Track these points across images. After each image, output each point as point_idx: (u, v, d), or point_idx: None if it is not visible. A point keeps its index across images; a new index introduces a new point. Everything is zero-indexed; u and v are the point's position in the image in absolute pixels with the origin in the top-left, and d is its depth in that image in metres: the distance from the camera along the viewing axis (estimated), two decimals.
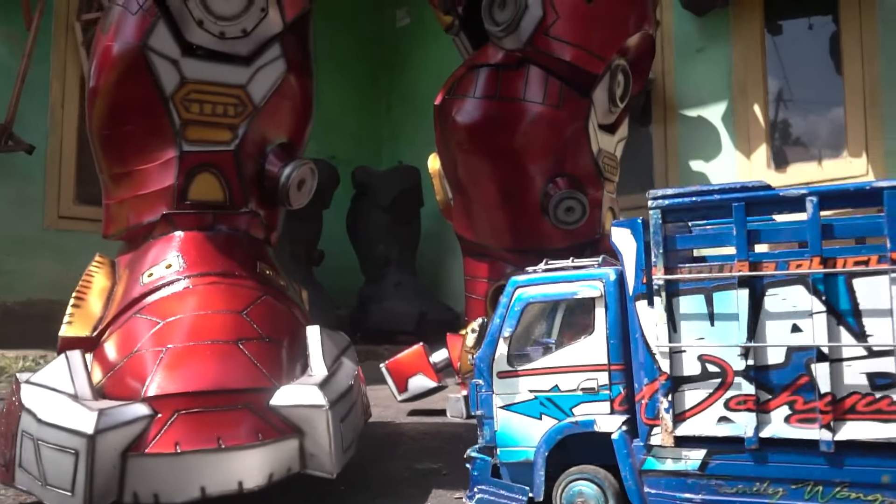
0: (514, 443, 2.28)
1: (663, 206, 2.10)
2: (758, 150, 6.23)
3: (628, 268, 2.17)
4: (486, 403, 2.32)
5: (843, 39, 5.82)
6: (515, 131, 3.93)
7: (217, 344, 2.44)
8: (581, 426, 2.18)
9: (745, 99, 6.25)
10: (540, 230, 4.01)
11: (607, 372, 2.18)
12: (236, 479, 2.24)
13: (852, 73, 5.76)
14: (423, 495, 2.65)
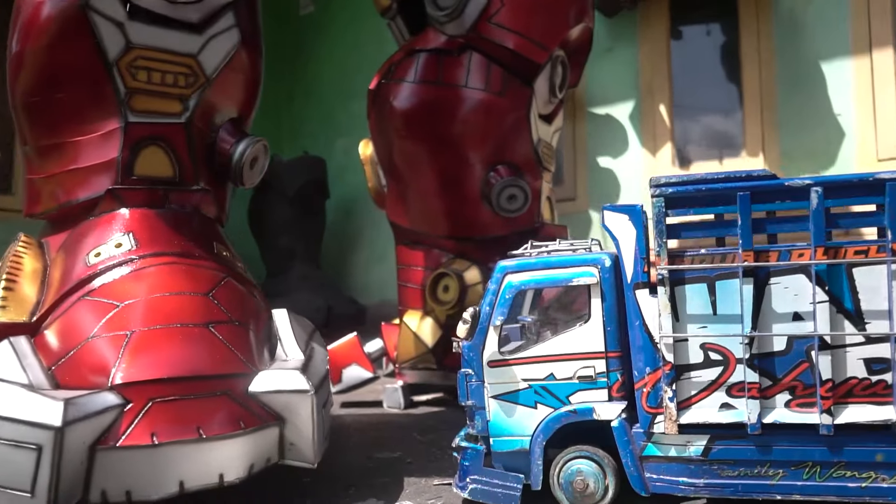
0: (508, 432, 2.23)
1: (667, 195, 2.10)
2: (663, 148, 6.48)
3: (626, 255, 2.16)
4: (476, 393, 2.26)
5: (741, 45, 6.16)
6: (457, 117, 3.90)
7: (186, 327, 2.25)
8: (580, 414, 2.16)
9: (651, 99, 6.49)
10: (479, 218, 4.00)
11: (604, 359, 2.17)
12: (217, 472, 2.08)
13: (750, 77, 6.10)
14: (397, 483, 2.57)
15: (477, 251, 4.05)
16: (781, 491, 1.98)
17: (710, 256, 2.09)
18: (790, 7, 5.91)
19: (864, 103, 5.58)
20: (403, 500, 2.39)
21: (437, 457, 2.96)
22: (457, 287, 3.95)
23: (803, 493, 1.97)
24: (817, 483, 1.96)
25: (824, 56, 5.74)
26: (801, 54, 5.85)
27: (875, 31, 5.55)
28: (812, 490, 1.96)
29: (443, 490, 2.49)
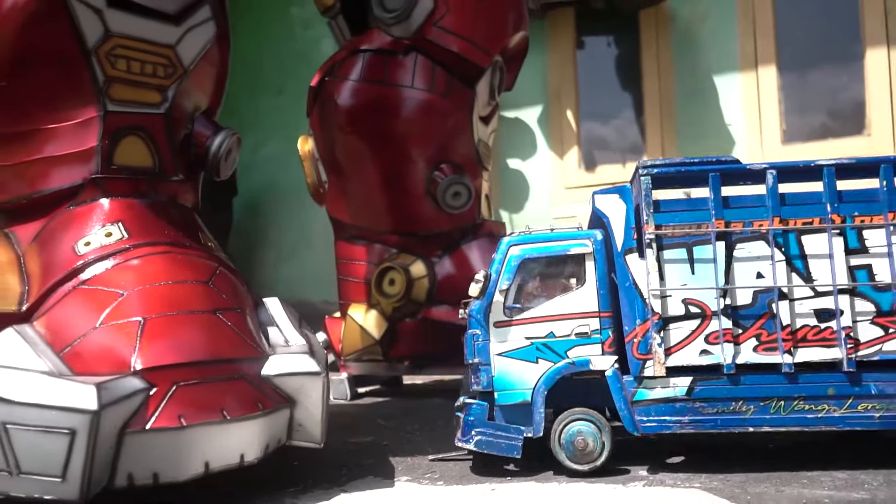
0: (512, 386, 2.43)
1: (653, 174, 2.39)
2: (570, 151, 6.84)
3: (616, 227, 2.44)
4: (482, 351, 2.45)
5: (643, 58, 6.61)
6: (403, 116, 4.04)
7: (196, 314, 2.28)
8: (578, 366, 2.41)
9: (558, 104, 6.83)
10: (423, 214, 4.15)
11: (598, 318, 2.42)
12: (238, 452, 2.13)
13: (651, 87, 6.57)
14: (384, 462, 2.69)
15: (419, 246, 4.20)
16: (753, 424, 2.30)
17: (689, 225, 2.38)
18: (686, 25, 6.43)
19: (752, 114, 6.15)
20: (399, 476, 2.51)
21: (409, 439, 3.09)
22: (403, 280, 4.08)
23: (771, 425, 2.30)
24: (782, 416, 2.29)
25: (717, 71, 6.28)
26: (696, 68, 6.37)
27: (760, 50, 6.14)
28: (778, 422, 2.29)
29: (435, 465, 2.62)
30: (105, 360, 2.08)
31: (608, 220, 2.43)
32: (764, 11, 6.20)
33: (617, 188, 2.46)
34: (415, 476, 2.47)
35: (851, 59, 5.93)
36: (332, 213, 4.42)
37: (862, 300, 2.27)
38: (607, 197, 2.45)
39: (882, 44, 5.77)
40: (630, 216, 2.41)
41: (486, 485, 2.31)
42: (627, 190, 2.41)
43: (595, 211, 2.46)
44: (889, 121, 5.72)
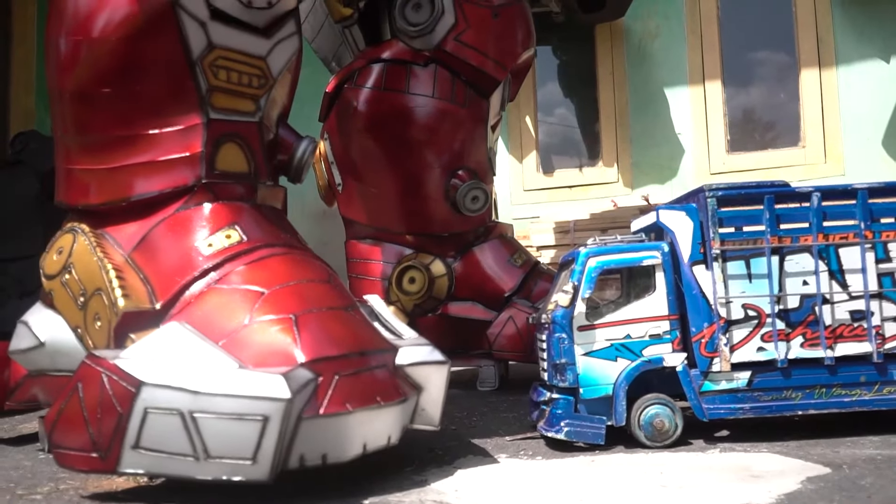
0: (595, 382, 2.78)
1: (718, 196, 2.78)
2: (529, 156, 7.27)
3: (683, 241, 2.82)
4: (568, 353, 2.77)
5: (598, 69, 7.12)
6: (425, 124, 4.31)
7: (335, 311, 2.49)
8: (653, 363, 2.78)
9: (518, 111, 7.23)
10: (441, 216, 4.43)
11: (668, 321, 2.79)
12: (387, 434, 2.38)
13: (606, 97, 7.08)
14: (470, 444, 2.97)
15: (435, 246, 4.48)
16: (801, 408, 2.77)
17: (747, 240, 2.79)
18: (639, 40, 6.97)
19: (699, 125, 6.76)
20: (496, 454, 2.81)
21: (469, 424, 3.38)
22: (424, 278, 4.36)
23: (816, 408, 2.77)
24: (824, 400, 2.77)
25: (667, 83, 6.86)
26: (648, 81, 6.93)
27: (707, 64, 6.76)
28: (821, 405, 2.77)
29: (519, 444, 2.94)
30: (268, 353, 2.27)
31: (674, 234, 2.81)
32: (710, 30, 6.82)
33: (683, 206, 2.84)
34: (510, 453, 2.78)
35: (788, 78, 6.62)
36: (347, 214, 4.63)
37: (888, 303, 2.75)
38: (674, 213, 2.82)
39: (815, 65, 6.50)
40: (697, 232, 2.79)
41: (583, 457, 2.65)
42: (693, 209, 2.79)
43: (660, 224, 2.82)
44: (821, 134, 6.45)
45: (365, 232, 4.59)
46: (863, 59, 6.35)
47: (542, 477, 2.47)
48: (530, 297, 4.31)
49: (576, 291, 2.76)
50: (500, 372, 4.39)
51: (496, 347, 4.25)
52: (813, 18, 6.49)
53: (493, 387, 4.32)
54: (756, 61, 6.77)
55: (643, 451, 2.72)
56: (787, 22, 6.61)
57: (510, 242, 4.62)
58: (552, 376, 2.83)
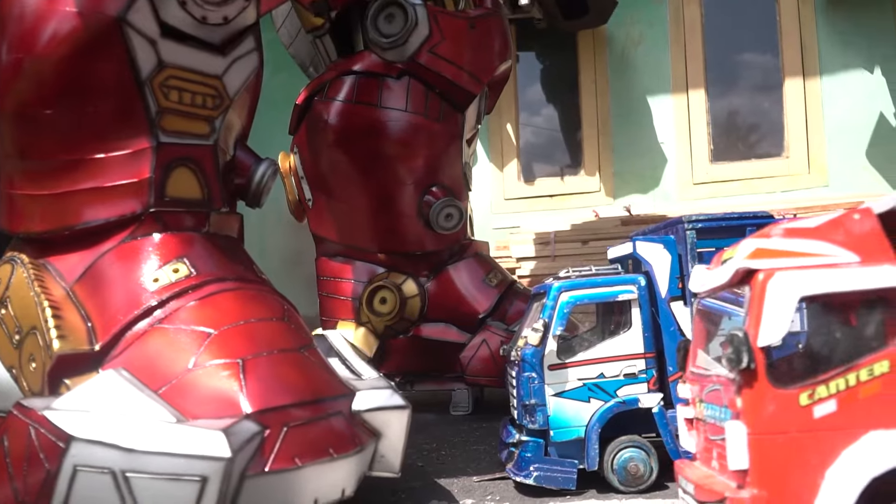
0: (566, 424, 2.63)
1: (697, 228, 2.63)
2: (510, 164, 7.11)
3: (660, 275, 2.67)
4: (538, 393, 2.63)
5: (581, 77, 6.97)
6: (398, 139, 4.16)
7: (287, 353, 2.34)
8: (628, 404, 2.63)
9: (499, 118, 7.08)
10: (414, 234, 4.28)
11: (644, 359, 2.65)
12: (341, 487, 2.23)
13: (588, 106, 6.93)
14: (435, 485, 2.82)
15: (408, 265, 4.33)
16: None
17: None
18: (622, 48, 6.83)
19: (682, 134, 6.63)
20: (462, 498, 2.66)
21: (436, 459, 3.24)
22: (395, 299, 4.21)
23: None
24: None
25: (650, 92, 6.72)
26: (631, 89, 6.79)
27: (691, 73, 6.62)
28: None
29: (486, 486, 2.79)
30: (210, 402, 2.11)
31: (651, 267, 2.66)
32: (694, 39, 6.68)
33: (660, 238, 2.69)
34: (477, 498, 2.64)
35: (772, 87, 6.51)
36: (317, 231, 4.47)
37: None
38: (651, 245, 2.67)
39: (799, 74, 6.38)
40: (675, 266, 2.65)
41: (553, 503, 2.50)
42: (671, 241, 2.64)
43: (636, 256, 2.68)
44: (804, 145, 6.33)
45: (336, 249, 4.43)
46: (847, 69, 6.23)
47: None
48: (505, 318, 4.17)
49: (546, 329, 2.61)
50: (474, 395, 4.25)
51: (469, 372, 4.10)
52: (797, 27, 6.37)
53: (467, 411, 4.18)
54: (740, 70, 6.64)
55: (616, 496, 2.58)
56: (771, 30, 6.49)
57: (485, 261, 4.48)
58: (521, 416, 2.69)
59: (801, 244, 1.79)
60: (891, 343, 1.73)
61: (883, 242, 1.78)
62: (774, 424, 1.70)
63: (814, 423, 1.69)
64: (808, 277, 1.74)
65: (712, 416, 1.92)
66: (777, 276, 1.74)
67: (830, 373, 1.71)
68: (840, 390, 1.71)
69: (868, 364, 1.71)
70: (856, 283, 1.75)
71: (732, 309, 1.99)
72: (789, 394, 1.71)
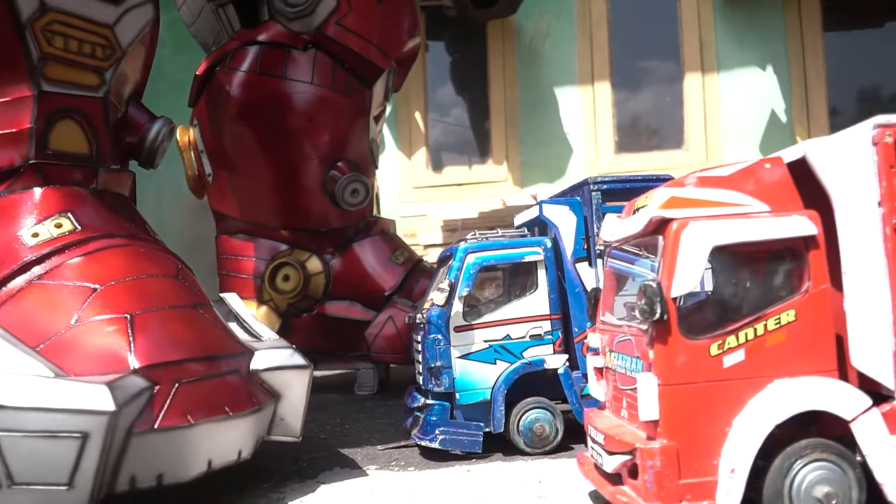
0: (472, 386, 2.60)
1: (602, 189, 2.65)
2: (418, 152, 7.08)
3: (566, 237, 2.67)
4: (444, 355, 2.58)
5: (489, 67, 7.00)
6: (303, 112, 4.04)
7: (178, 310, 2.21)
8: (534, 365, 2.62)
9: (407, 107, 7.04)
10: (319, 210, 4.17)
11: (549, 321, 2.65)
12: (237, 449, 2.13)
13: (496, 95, 6.98)
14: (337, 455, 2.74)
15: (312, 242, 4.22)
16: None
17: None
18: (530, 39, 6.90)
19: (588, 126, 6.75)
20: (365, 465, 2.59)
21: (341, 432, 3.15)
22: (299, 276, 4.09)
23: None
24: None
25: (557, 83, 6.82)
26: (538, 80, 6.87)
27: (596, 66, 6.76)
28: None
29: (391, 454, 2.73)
30: (94, 359, 1.97)
31: (558, 229, 2.66)
32: (600, 33, 6.82)
33: (567, 200, 2.70)
34: (381, 464, 2.57)
35: (673, 82, 6.71)
36: (218, 208, 4.30)
37: None
38: (557, 208, 2.67)
39: (698, 70, 6.60)
40: (580, 227, 2.65)
41: (459, 467, 2.47)
42: (577, 202, 2.65)
43: (543, 219, 2.67)
44: (703, 138, 6.56)
45: (237, 226, 4.27)
46: (743, 66, 6.49)
47: (414, 489, 2.27)
48: (411, 296, 4.11)
49: (452, 289, 2.57)
50: (379, 375, 4.17)
51: (375, 349, 4.03)
52: (697, 24, 6.59)
53: (372, 391, 4.10)
54: (644, 65, 6.83)
55: (522, 458, 2.56)
56: (672, 27, 6.69)
57: (391, 239, 4.41)
58: (427, 380, 2.63)
59: (713, 193, 1.80)
60: (797, 292, 1.76)
61: (792, 192, 1.81)
62: (685, 375, 1.70)
63: (723, 373, 1.71)
64: (721, 227, 1.74)
65: (623, 366, 1.91)
66: (690, 225, 1.74)
67: (740, 323, 1.73)
68: (749, 340, 1.73)
69: (775, 314, 1.74)
70: (766, 232, 1.76)
71: (642, 263, 2.01)
72: (700, 344, 1.72)
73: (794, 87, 6.46)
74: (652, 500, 1.66)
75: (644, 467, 1.68)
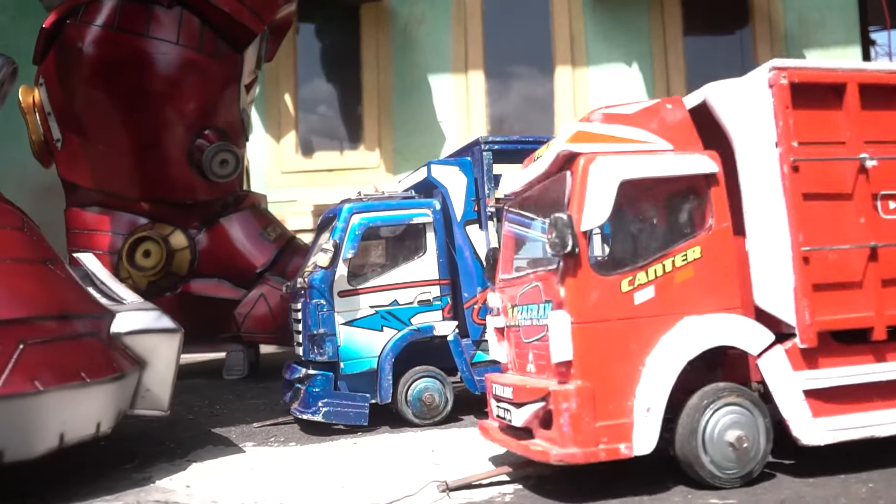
0: (358, 354, 2.45)
1: (494, 149, 2.57)
2: (287, 136, 6.83)
3: (456, 198, 2.58)
4: (328, 322, 2.42)
5: (362, 50, 6.85)
6: (167, 75, 3.74)
7: (23, 263, 1.93)
8: (423, 332, 2.50)
9: (276, 88, 6.77)
10: (184, 181, 3.87)
11: (438, 286, 2.54)
12: (95, 421, 1.87)
13: (369, 80, 6.83)
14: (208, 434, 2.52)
15: (176, 216, 3.91)
16: None
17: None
18: (405, 24, 6.80)
19: (461, 114, 6.73)
20: (241, 442, 2.38)
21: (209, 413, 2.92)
22: (161, 252, 3.78)
23: None
24: None
25: (432, 70, 6.75)
26: (413, 66, 6.77)
27: (470, 55, 6.75)
28: None
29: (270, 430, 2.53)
30: None
31: (447, 191, 2.56)
32: (475, 22, 6.83)
33: (457, 160, 2.61)
34: (258, 441, 2.37)
35: (545, 74, 6.82)
36: (68, 177, 3.91)
37: None
38: (446, 168, 2.57)
39: (568, 64, 6.73)
40: (471, 188, 2.56)
41: (344, 440, 2.31)
42: (468, 163, 2.56)
43: (431, 181, 2.57)
44: None
45: (91, 198, 3.89)
46: (610, 62, 6.69)
47: (297, 464, 2.09)
48: (285, 273, 3.89)
49: (337, 251, 2.40)
50: (249, 358, 3.92)
51: (245, 329, 3.77)
52: (567, 20, 6.73)
53: (242, 374, 3.84)
54: (517, 56, 6.89)
55: (411, 429, 2.44)
56: (545, 21, 6.80)
57: (263, 214, 4.17)
58: (308, 350, 2.46)
59: (618, 130, 1.77)
60: (701, 230, 1.75)
61: (692, 133, 1.80)
62: (597, 312, 1.65)
63: (634, 310, 1.67)
64: (628, 162, 1.71)
65: (529, 318, 1.83)
66: (598, 160, 1.70)
67: (649, 259, 1.71)
68: (658, 276, 1.70)
69: (682, 250, 1.72)
70: (670, 169, 1.75)
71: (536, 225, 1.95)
72: (611, 280, 1.67)
73: (658, 84, 6.72)
74: (568, 445, 1.59)
75: (559, 411, 1.60)
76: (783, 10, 6.83)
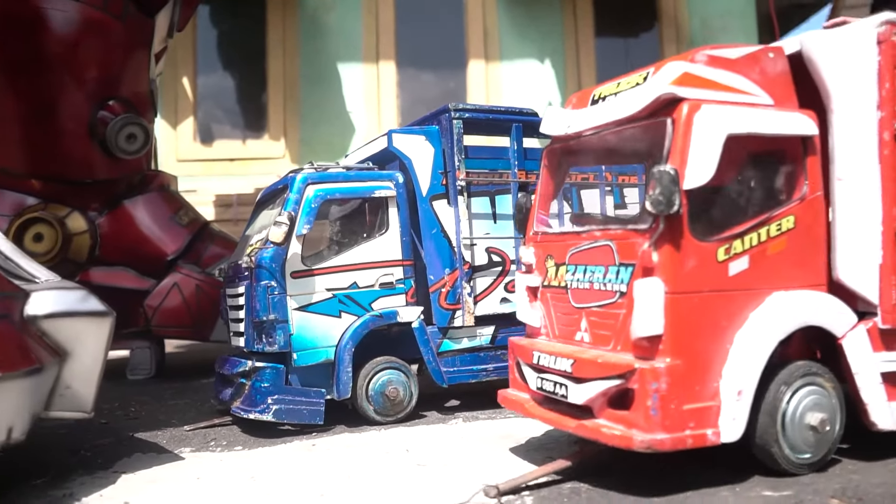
0: (313, 344, 2.16)
1: (464, 118, 2.34)
2: (185, 122, 6.37)
3: (421, 171, 2.33)
4: (279, 306, 2.11)
5: (268, 36, 6.47)
6: (64, 35, 3.29)
7: None
8: (385, 318, 2.23)
9: (174, 70, 6.29)
10: (83, 157, 3.42)
11: (401, 267, 2.28)
12: (5, 427, 1.50)
13: (275, 67, 6.47)
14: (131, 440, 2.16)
15: (74, 195, 3.45)
16: None
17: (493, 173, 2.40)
18: (314, 11, 6.47)
19: (371, 104, 6.47)
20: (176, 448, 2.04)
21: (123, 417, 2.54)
22: (56, 236, 3.31)
23: None
24: None
25: (342, 59, 6.46)
26: (321, 54, 6.45)
27: (381, 45, 6.50)
28: None
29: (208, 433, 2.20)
30: None
31: (411, 162, 2.31)
32: (386, 12, 6.60)
33: (423, 129, 2.36)
34: (196, 446, 2.04)
35: (457, 67, 6.66)
36: None
37: None
38: (410, 138, 2.33)
39: (482, 58, 6.61)
40: (438, 160, 2.32)
41: (299, 442, 2.02)
42: (435, 132, 2.33)
43: (393, 151, 2.31)
44: None
45: None
46: (523, 58, 6.61)
47: (253, 472, 1.79)
48: (200, 262, 3.51)
49: (292, 224, 2.10)
50: (156, 356, 3.49)
51: (156, 323, 3.36)
52: (481, 14, 6.60)
53: (149, 374, 3.42)
54: (430, 49, 6.69)
55: (373, 428, 2.17)
56: (458, 14, 6.64)
57: (173, 197, 3.76)
58: (253, 340, 2.14)
59: (723, 76, 1.56)
60: (795, 198, 1.60)
61: (791, 88, 1.64)
62: (693, 282, 1.46)
63: (728, 282, 1.50)
64: (734, 114, 1.53)
65: (587, 280, 1.61)
66: (704, 108, 1.50)
67: (746, 225, 1.54)
68: (753, 245, 1.54)
69: (777, 218, 1.57)
70: (773, 126, 1.58)
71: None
72: (708, 247, 1.49)
73: (569, 82, 6.70)
74: (656, 431, 1.38)
75: (645, 391, 1.40)
76: (688, 14, 6.96)
